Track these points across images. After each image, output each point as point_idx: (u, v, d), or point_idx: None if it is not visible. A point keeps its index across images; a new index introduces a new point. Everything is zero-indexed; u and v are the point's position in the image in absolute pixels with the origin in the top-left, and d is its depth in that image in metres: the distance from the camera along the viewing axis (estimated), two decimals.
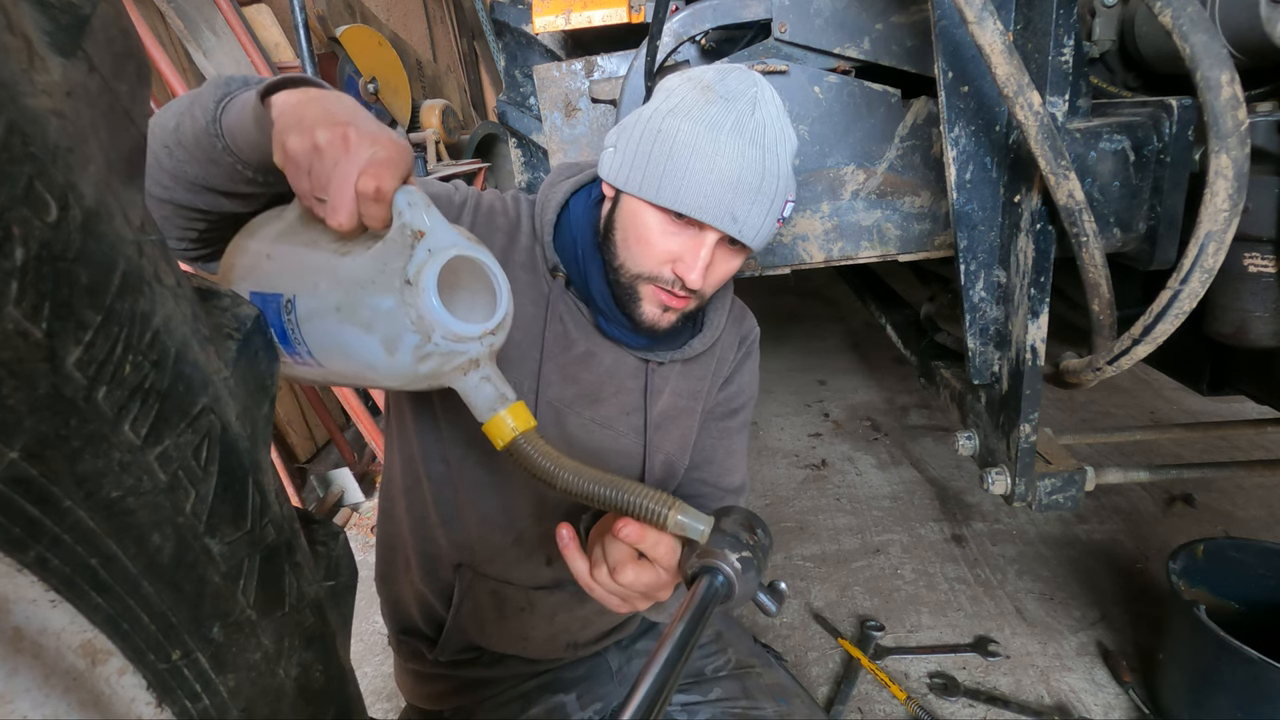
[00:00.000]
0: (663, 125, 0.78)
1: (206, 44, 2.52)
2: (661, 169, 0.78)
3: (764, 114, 0.78)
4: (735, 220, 0.78)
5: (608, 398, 0.96)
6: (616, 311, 0.90)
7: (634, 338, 0.93)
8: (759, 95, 0.79)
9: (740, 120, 0.77)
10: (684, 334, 0.98)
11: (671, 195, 0.78)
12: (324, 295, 0.60)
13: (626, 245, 0.84)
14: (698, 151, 0.77)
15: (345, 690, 0.60)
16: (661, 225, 0.81)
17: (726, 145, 0.76)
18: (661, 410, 0.99)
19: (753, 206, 0.78)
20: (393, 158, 0.57)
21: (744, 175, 0.77)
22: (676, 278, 0.83)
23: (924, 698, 1.63)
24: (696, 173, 0.77)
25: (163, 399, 0.38)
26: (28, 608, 0.35)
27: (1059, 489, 1.30)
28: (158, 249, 0.40)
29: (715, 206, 0.78)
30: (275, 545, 0.49)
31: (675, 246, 0.82)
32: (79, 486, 0.34)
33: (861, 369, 3.54)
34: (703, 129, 0.77)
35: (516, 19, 2.49)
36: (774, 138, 0.78)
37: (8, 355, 0.29)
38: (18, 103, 0.29)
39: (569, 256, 0.92)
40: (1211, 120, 0.88)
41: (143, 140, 0.40)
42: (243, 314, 0.48)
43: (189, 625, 0.41)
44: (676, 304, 0.85)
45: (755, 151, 0.77)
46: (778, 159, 0.79)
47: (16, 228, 0.29)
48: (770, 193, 0.79)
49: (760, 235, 0.81)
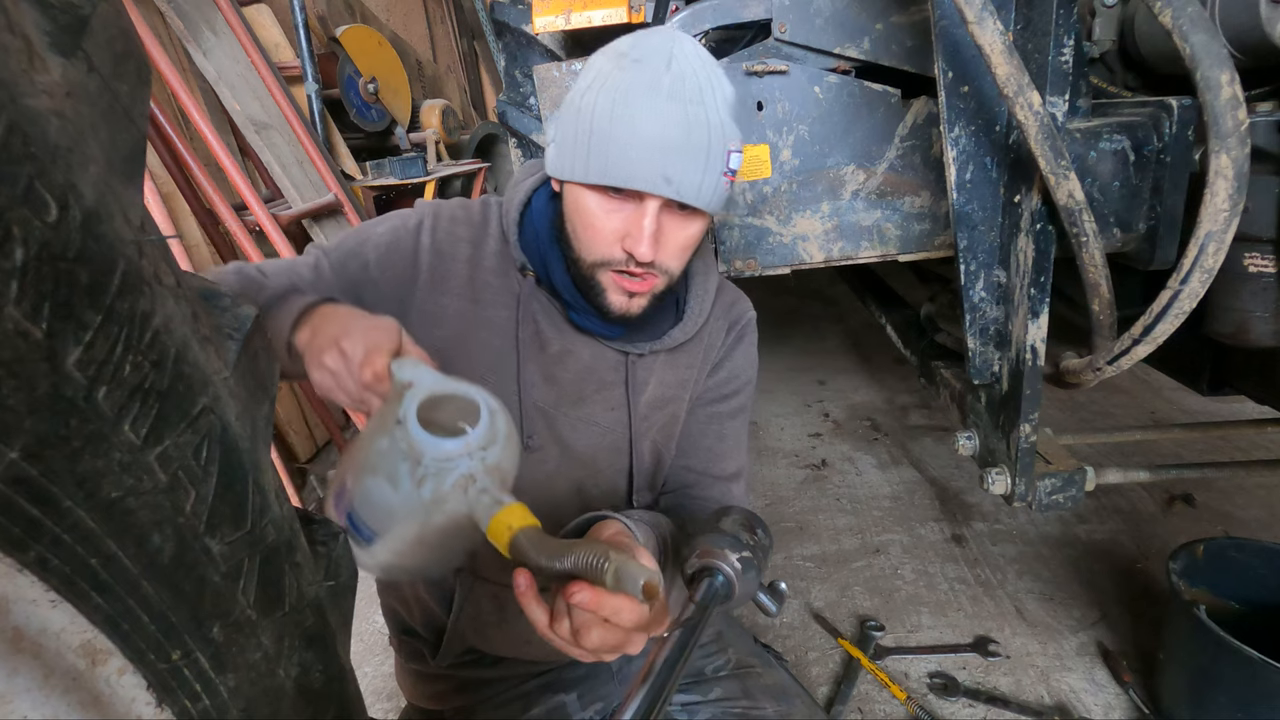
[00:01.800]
0: (582, 103, 0.77)
1: (206, 44, 2.52)
2: (587, 147, 0.76)
3: (681, 68, 0.75)
4: (669, 181, 0.75)
5: (590, 395, 0.95)
6: (584, 303, 0.88)
7: (608, 328, 0.90)
8: (674, 50, 0.75)
9: (655, 79, 0.74)
10: (664, 322, 0.96)
11: (600, 170, 0.76)
12: (358, 466, 0.68)
13: (577, 235, 0.83)
14: (616, 119, 0.74)
15: (345, 690, 0.60)
16: (601, 205, 0.79)
17: (643, 107, 0.74)
18: (649, 401, 0.97)
19: (685, 163, 0.75)
20: (379, 344, 0.68)
21: (667, 133, 0.74)
22: (628, 255, 0.80)
23: (924, 698, 1.63)
24: (619, 141, 0.74)
25: (163, 399, 0.38)
26: (28, 608, 0.35)
27: (1059, 489, 1.30)
28: (158, 249, 0.40)
29: (645, 171, 0.75)
30: (275, 545, 0.49)
31: (619, 223, 0.79)
32: (79, 486, 0.34)
33: (861, 369, 3.54)
34: (618, 96, 0.74)
35: (516, 19, 2.49)
36: (696, 90, 0.75)
37: (8, 355, 0.29)
38: (18, 103, 0.29)
39: (534, 253, 0.91)
40: (1211, 120, 0.88)
41: (143, 140, 0.40)
42: (243, 314, 0.48)
43: (189, 625, 0.41)
44: (639, 286, 0.83)
45: (675, 107, 0.74)
46: (704, 109, 0.75)
47: (16, 228, 0.29)
48: (701, 146, 0.75)
49: (704, 192, 0.77)
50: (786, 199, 1.45)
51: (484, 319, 0.91)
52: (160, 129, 2.20)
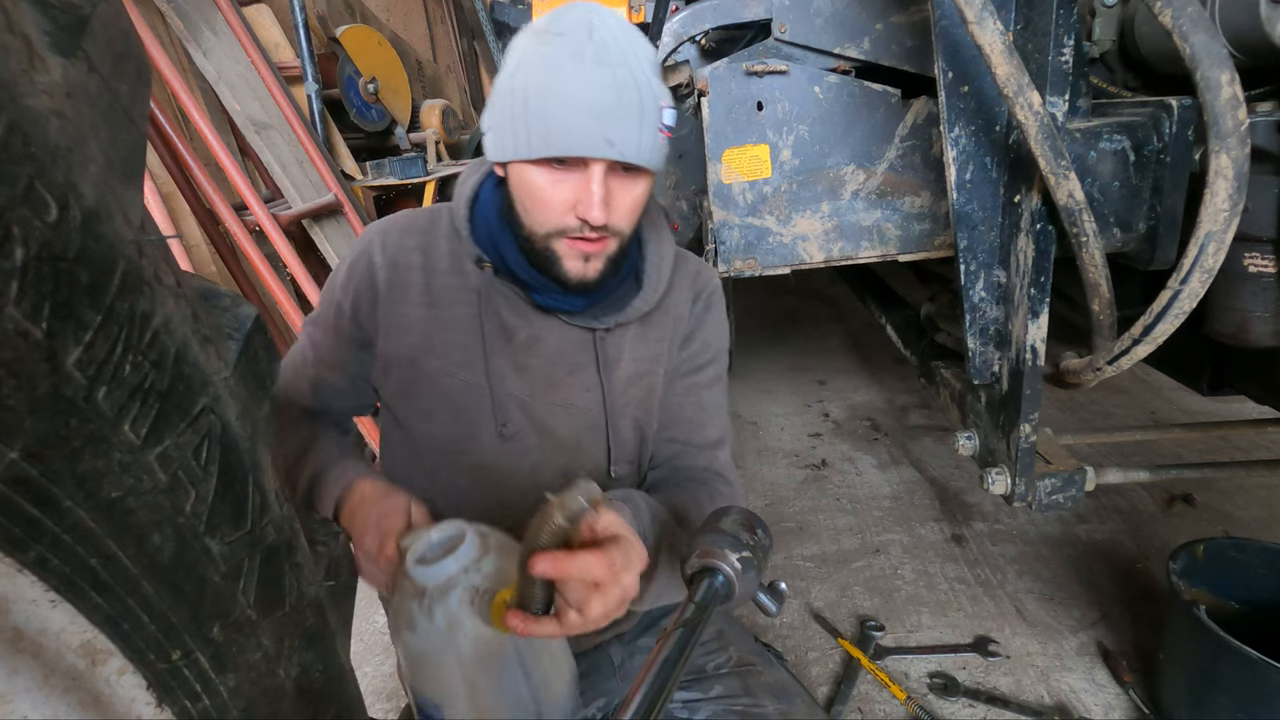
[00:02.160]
0: (513, 85, 0.79)
1: (206, 44, 2.52)
2: (525, 125, 0.78)
3: (603, 35, 0.77)
4: (611, 144, 0.78)
5: (563, 378, 0.96)
6: (542, 278, 0.89)
7: (571, 301, 0.91)
8: (593, 20, 0.78)
9: (579, 48, 0.77)
10: (625, 294, 0.96)
11: (542, 144, 0.78)
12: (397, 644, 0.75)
13: (527, 211, 0.85)
14: (549, 93, 0.77)
15: (345, 690, 0.60)
16: (547, 178, 0.81)
17: (573, 76, 0.76)
18: (623, 378, 0.98)
19: (622, 124, 0.77)
20: (388, 530, 0.78)
21: (600, 98, 0.76)
22: (581, 221, 0.82)
23: (924, 698, 1.63)
24: (555, 113, 0.77)
25: (163, 399, 0.38)
26: (28, 608, 0.35)
27: (1059, 489, 1.30)
28: (158, 249, 0.40)
29: (586, 137, 0.77)
30: (275, 545, 0.49)
31: (568, 192, 0.81)
32: (79, 486, 0.34)
33: (861, 369, 3.54)
34: (547, 69, 0.77)
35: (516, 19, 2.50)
36: (620, 54, 0.78)
37: (8, 355, 0.29)
38: (18, 103, 0.29)
39: (488, 244, 0.92)
40: (1211, 120, 0.88)
41: (143, 140, 0.40)
42: (243, 314, 0.48)
43: (189, 625, 0.41)
44: (594, 248, 0.85)
45: (604, 71, 0.76)
46: (631, 71, 0.78)
47: (16, 228, 0.29)
48: (634, 105, 0.78)
49: (644, 150, 0.80)
50: (786, 199, 1.45)
51: (446, 320, 0.93)
52: (160, 129, 2.20)
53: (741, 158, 1.43)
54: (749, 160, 1.43)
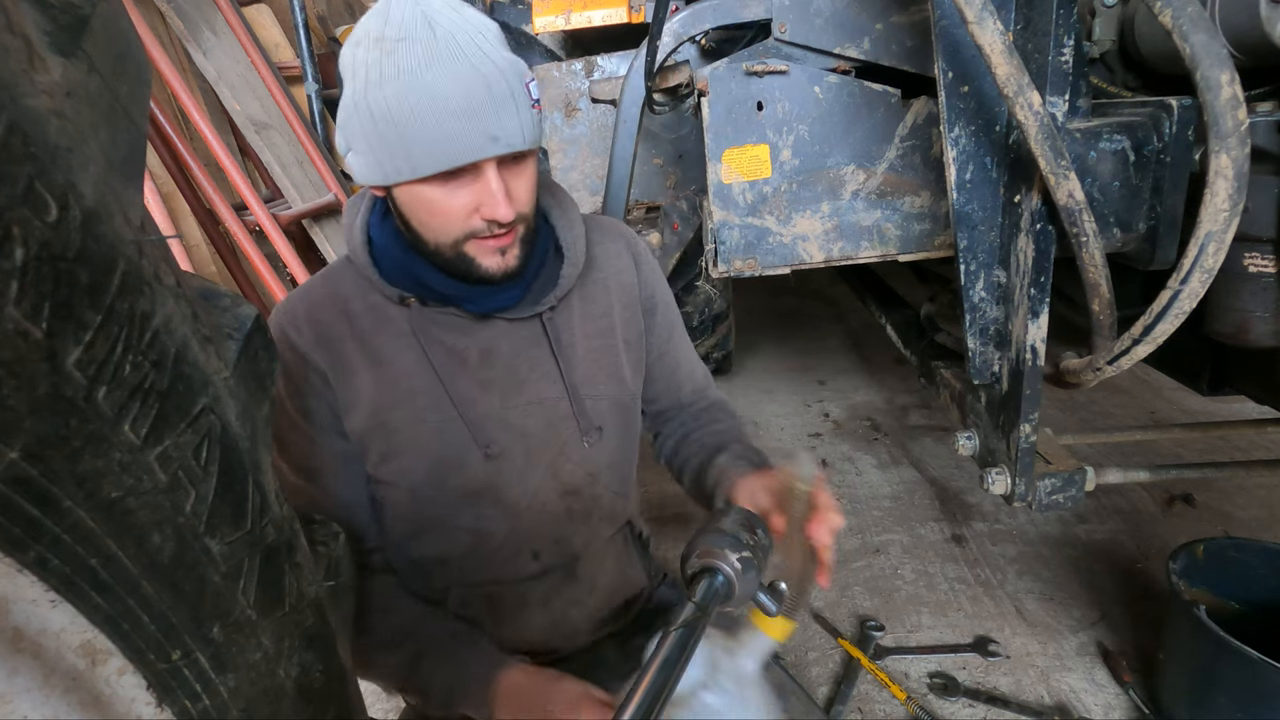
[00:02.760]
0: (370, 104, 0.74)
1: (206, 44, 2.52)
2: (401, 145, 0.74)
3: (446, 27, 0.73)
4: (496, 139, 0.75)
5: (526, 375, 0.94)
6: (467, 287, 0.86)
7: (506, 295, 0.89)
8: (428, 13, 0.73)
9: (428, 49, 0.72)
10: (550, 267, 0.94)
11: (427, 160, 0.75)
12: None
13: (426, 226, 0.81)
14: (416, 107, 0.72)
15: (345, 690, 0.60)
16: (440, 190, 0.78)
17: (435, 82, 0.72)
18: (580, 355, 0.96)
19: (499, 115, 0.74)
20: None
21: (470, 95, 0.73)
22: (488, 221, 0.79)
23: (924, 698, 1.62)
24: (429, 126, 0.73)
25: (163, 399, 0.38)
26: (28, 608, 0.35)
27: (1059, 489, 1.30)
28: (158, 249, 0.40)
29: (469, 141, 0.74)
30: (275, 545, 0.49)
31: (465, 198, 0.79)
32: (79, 486, 0.34)
33: (861, 369, 3.54)
34: (403, 81, 0.72)
35: (516, 19, 2.50)
36: (470, 41, 0.74)
37: (8, 355, 0.29)
38: (18, 103, 0.29)
39: (401, 277, 0.88)
40: (1211, 120, 0.88)
41: (143, 140, 0.40)
42: (243, 314, 0.48)
43: (189, 625, 0.41)
44: (505, 240, 0.82)
45: (462, 66, 0.73)
46: (488, 57, 0.74)
47: (16, 228, 0.29)
48: (503, 91, 0.74)
49: (527, 132, 0.77)
50: (786, 199, 1.45)
51: (396, 373, 0.89)
52: (160, 129, 2.20)
53: (741, 158, 1.43)
54: (749, 160, 1.43)
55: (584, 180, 2.34)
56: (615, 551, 1.07)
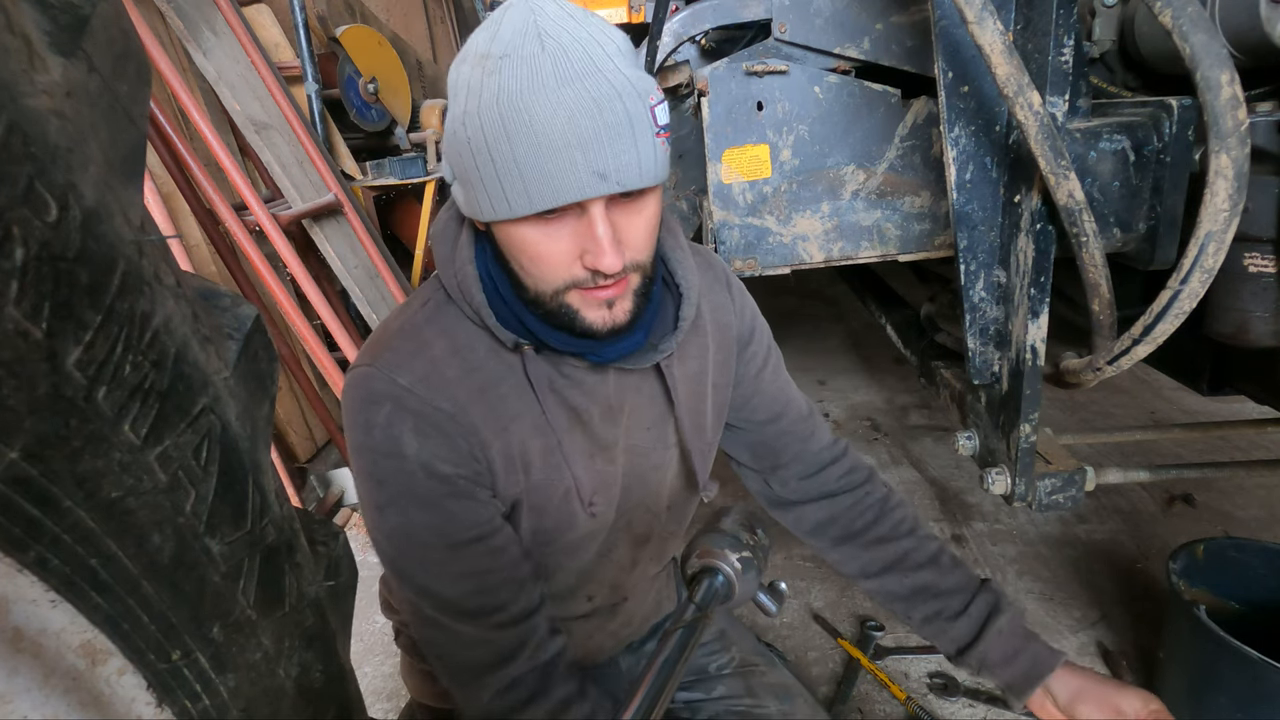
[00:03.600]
0: (469, 133, 0.65)
1: (206, 44, 2.52)
2: (497, 180, 0.65)
3: (558, 39, 0.63)
4: (604, 177, 0.63)
5: (643, 434, 0.87)
6: (574, 338, 0.75)
7: (627, 343, 0.77)
8: (540, 23, 0.63)
9: (534, 68, 0.62)
10: (665, 306, 0.84)
11: (523, 201, 0.65)
12: None
13: (526, 272, 0.71)
14: (514, 135, 0.62)
15: (345, 690, 0.60)
16: (541, 232, 0.67)
17: (538, 107, 0.61)
18: (683, 401, 0.88)
19: (613, 148, 0.63)
20: None
21: (578, 123, 0.62)
22: (593, 271, 0.68)
23: (924, 698, 1.62)
24: (528, 160, 0.63)
25: (163, 399, 0.38)
26: (28, 608, 0.35)
27: (1059, 489, 1.30)
28: (158, 249, 0.40)
29: (573, 179, 0.63)
30: (275, 545, 0.49)
31: (568, 243, 0.68)
32: (79, 486, 0.34)
33: (861, 369, 3.54)
34: (504, 107, 0.62)
35: None
36: (584, 57, 0.63)
37: (8, 355, 0.29)
38: (18, 103, 0.29)
39: (512, 320, 0.77)
40: (1211, 120, 0.88)
41: (143, 140, 0.40)
42: (243, 314, 0.49)
43: (189, 625, 0.41)
44: (614, 291, 0.71)
45: (572, 89, 0.62)
46: (605, 77, 0.63)
47: (16, 228, 0.29)
48: (621, 120, 0.63)
49: (645, 167, 0.65)
50: (786, 199, 1.45)
51: (522, 435, 0.79)
52: (160, 129, 2.20)
53: (741, 158, 1.43)
54: (749, 160, 1.43)
55: None
56: (657, 587, 1.07)
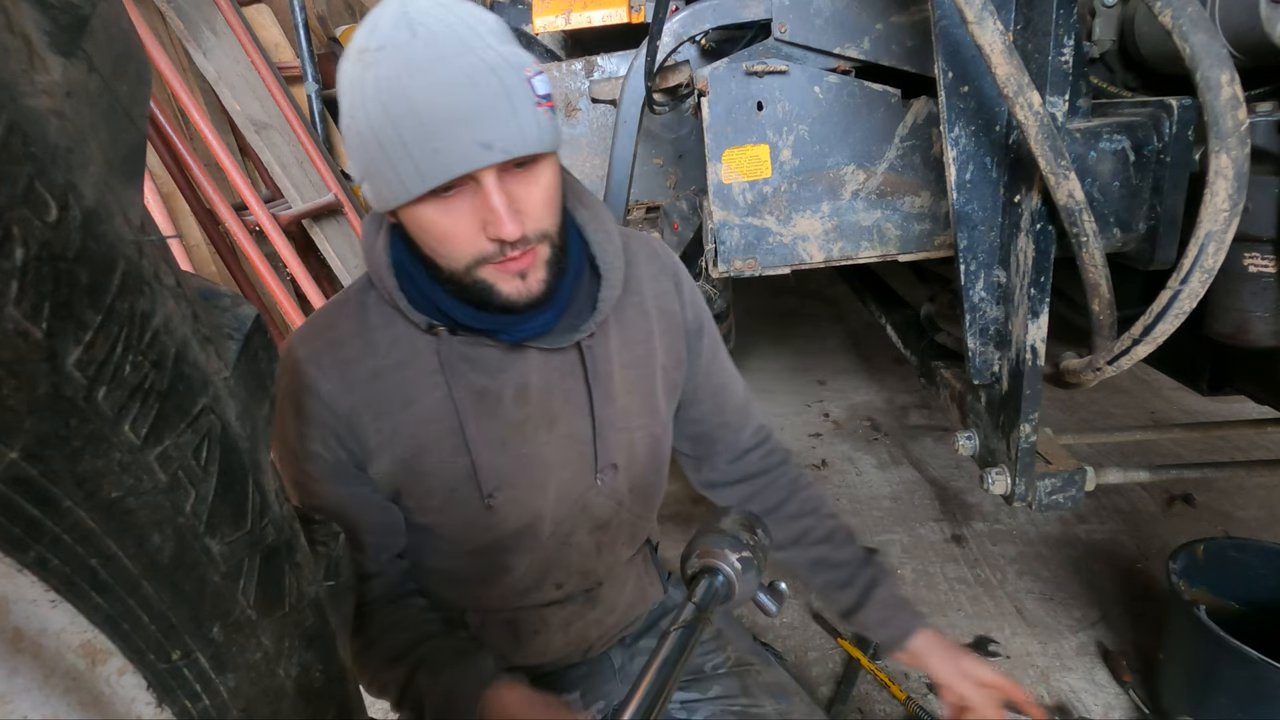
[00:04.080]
0: (359, 127, 0.68)
1: (206, 44, 2.52)
2: (391, 165, 0.67)
3: (429, 25, 0.66)
4: (489, 146, 0.66)
5: (560, 410, 0.87)
6: (490, 314, 0.78)
7: (538, 321, 0.80)
8: (409, 13, 0.66)
9: (408, 54, 0.65)
10: (587, 288, 0.86)
11: (416, 179, 0.67)
12: None
13: (436, 252, 0.74)
14: (397, 119, 0.65)
15: (345, 690, 0.60)
16: (442, 210, 0.70)
17: (416, 90, 0.64)
18: (620, 388, 0.90)
19: (491, 118, 0.66)
20: None
21: (456, 99, 0.65)
22: (497, 242, 0.71)
23: (924, 698, 1.62)
24: (413, 140, 0.65)
25: (163, 399, 0.38)
26: (28, 608, 0.35)
27: (1059, 489, 1.30)
28: (158, 249, 0.40)
29: (460, 152, 0.66)
30: (275, 545, 0.49)
31: (468, 218, 0.70)
32: (79, 486, 0.34)
33: (861, 369, 3.54)
34: (385, 94, 0.65)
35: (516, 19, 2.49)
36: (455, 38, 0.66)
37: (8, 355, 0.29)
38: (18, 103, 0.29)
39: (426, 305, 0.80)
40: (1211, 120, 0.88)
41: (143, 140, 0.40)
42: (243, 314, 0.48)
43: (189, 625, 0.41)
44: (524, 262, 0.73)
45: (445, 68, 0.65)
46: (476, 53, 0.66)
47: (16, 228, 0.29)
48: (496, 89, 0.66)
49: (529, 134, 0.68)
50: (786, 199, 1.45)
51: (424, 416, 0.82)
52: (160, 129, 2.20)
53: (741, 158, 1.43)
54: (749, 160, 1.43)
55: (584, 180, 2.34)
56: (635, 572, 1.07)
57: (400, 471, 0.84)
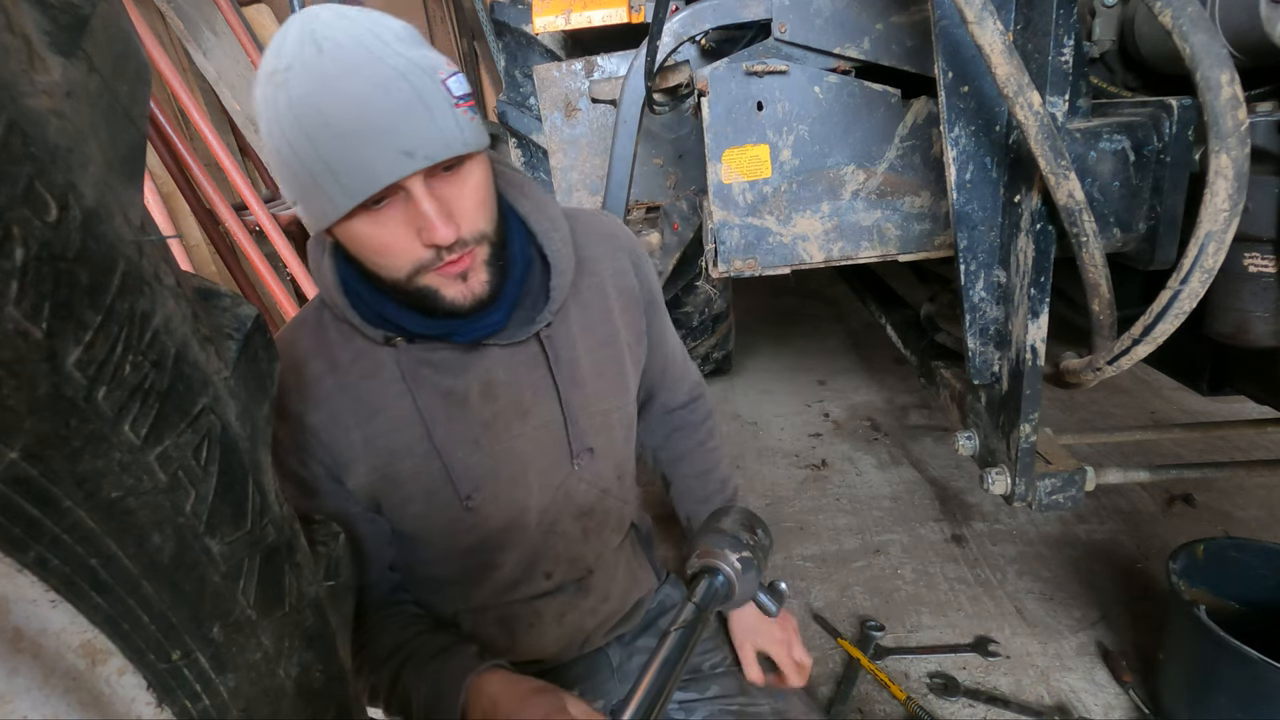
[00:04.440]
0: (279, 149, 0.68)
1: (206, 44, 2.52)
2: (315, 185, 0.67)
3: (333, 39, 0.65)
4: (410, 154, 0.66)
5: (531, 401, 0.87)
6: (439, 320, 0.79)
7: (491, 319, 0.80)
8: (314, 30, 0.66)
9: (315, 71, 0.64)
10: (538, 279, 0.86)
11: (342, 195, 0.67)
12: None
13: (376, 265, 0.74)
14: (314, 138, 0.65)
15: (345, 690, 0.60)
16: (374, 223, 0.70)
17: (328, 105, 0.64)
18: (588, 371, 0.90)
19: (408, 125, 0.66)
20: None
21: (369, 110, 0.64)
22: (433, 248, 0.71)
23: (924, 698, 1.62)
24: (335, 155, 0.65)
25: (163, 399, 0.38)
26: (28, 608, 0.35)
27: (1059, 489, 1.30)
28: (158, 249, 0.40)
29: (382, 162, 0.65)
30: (275, 545, 0.49)
31: (401, 228, 0.70)
32: (79, 486, 0.34)
33: (861, 369, 3.54)
34: (299, 115, 0.65)
35: (516, 19, 2.49)
36: (360, 50, 0.65)
37: (8, 355, 0.29)
38: (18, 103, 0.29)
39: (377, 318, 0.81)
40: (1211, 120, 0.88)
41: (143, 140, 0.40)
42: (243, 314, 0.48)
43: (189, 625, 0.41)
44: (464, 264, 0.74)
45: (354, 80, 0.64)
46: (384, 62, 0.65)
47: (16, 228, 0.29)
48: (409, 97, 0.65)
49: (450, 137, 0.68)
50: (786, 199, 1.45)
51: (392, 424, 0.83)
52: (160, 129, 2.20)
53: (741, 158, 1.43)
54: (749, 160, 1.43)
55: (584, 180, 2.34)
56: (625, 558, 1.07)
57: (377, 481, 0.85)
